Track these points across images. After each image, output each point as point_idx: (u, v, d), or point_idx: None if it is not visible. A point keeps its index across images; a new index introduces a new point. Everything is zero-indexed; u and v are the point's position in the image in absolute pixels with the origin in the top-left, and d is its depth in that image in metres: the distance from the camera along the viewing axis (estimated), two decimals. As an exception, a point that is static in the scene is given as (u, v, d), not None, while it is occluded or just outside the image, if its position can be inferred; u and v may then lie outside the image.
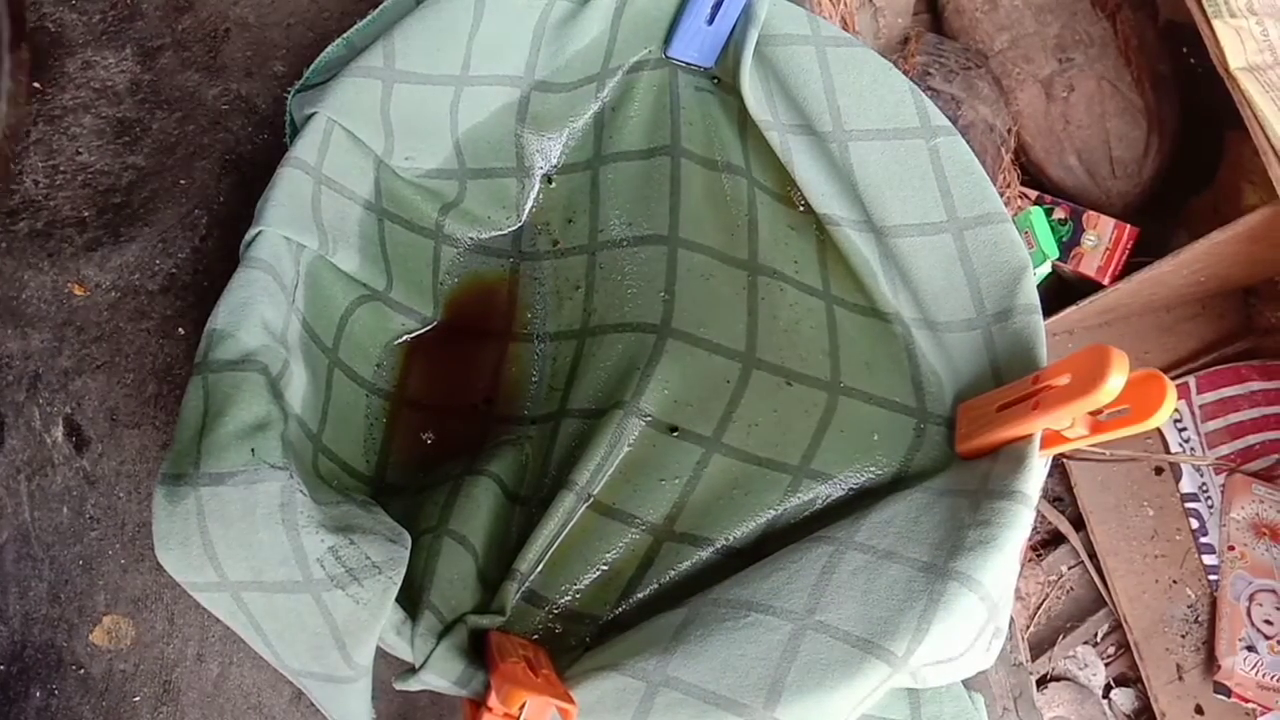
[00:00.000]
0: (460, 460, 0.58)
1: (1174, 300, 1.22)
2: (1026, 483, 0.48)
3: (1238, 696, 1.11)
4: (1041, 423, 0.48)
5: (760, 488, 0.55)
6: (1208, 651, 1.15)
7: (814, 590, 0.47)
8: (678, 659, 0.45)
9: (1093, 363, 0.44)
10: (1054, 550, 1.21)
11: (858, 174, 0.57)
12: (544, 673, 0.45)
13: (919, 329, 0.57)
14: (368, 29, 0.58)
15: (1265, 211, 0.91)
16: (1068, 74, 1.14)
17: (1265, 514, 1.18)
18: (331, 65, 0.58)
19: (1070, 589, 1.21)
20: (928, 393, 0.57)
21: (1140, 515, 1.20)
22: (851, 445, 0.56)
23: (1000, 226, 0.55)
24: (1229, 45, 0.87)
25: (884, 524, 0.50)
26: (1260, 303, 1.26)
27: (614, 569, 0.54)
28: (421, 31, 0.56)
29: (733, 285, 0.61)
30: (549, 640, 0.52)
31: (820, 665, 0.45)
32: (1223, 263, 1.06)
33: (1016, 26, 1.16)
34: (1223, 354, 1.23)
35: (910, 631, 0.45)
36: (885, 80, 0.58)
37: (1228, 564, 1.17)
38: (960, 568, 0.46)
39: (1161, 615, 1.17)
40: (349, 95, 0.55)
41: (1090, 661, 1.18)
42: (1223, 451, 1.22)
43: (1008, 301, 0.54)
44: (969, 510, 0.48)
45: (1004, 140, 1.13)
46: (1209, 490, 1.20)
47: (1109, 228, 1.13)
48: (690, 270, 0.60)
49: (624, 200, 0.63)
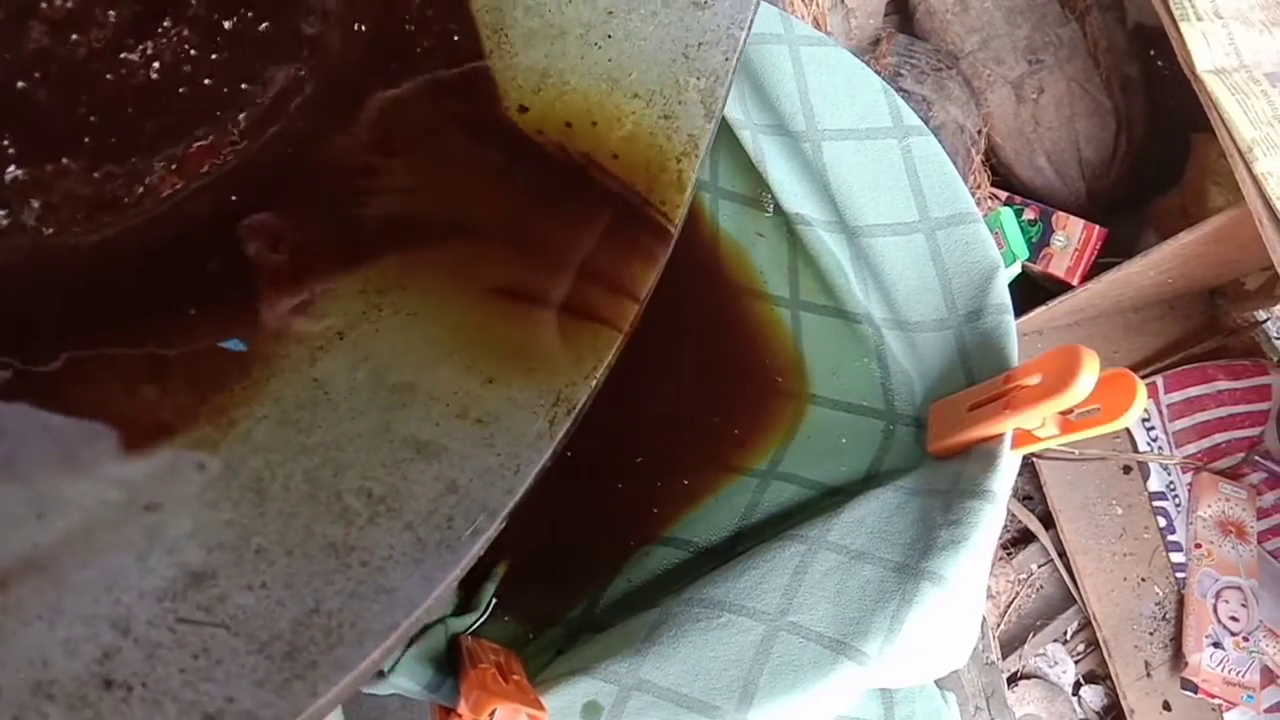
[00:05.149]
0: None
1: (1142, 300, 1.24)
2: (997, 482, 0.48)
3: (1205, 692, 1.12)
4: (1012, 422, 0.48)
5: (730, 491, 0.55)
6: (1175, 648, 1.17)
7: (787, 590, 0.47)
8: (650, 661, 0.45)
9: (1063, 362, 0.44)
10: (1024, 549, 1.22)
11: (830, 174, 0.57)
12: (515, 678, 0.44)
13: (890, 329, 0.57)
14: None
15: (1231, 213, 0.91)
16: (1037, 76, 1.15)
17: (1231, 512, 1.19)
18: None
19: (1040, 587, 1.22)
20: (897, 394, 0.57)
21: (1109, 514, 1.21)
22: (819, 449, 0.56)
23: (972, 226, 0.56)
24: (1196, 48, 0.88)
25: (856, 524, 0.50)
26: (1226, 303, 1.27)
27: (587, 570, 0.53)
28: None
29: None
30: (521, 644, 0.52)
31: (793, 667, 0.44)
32: (1190, 264, 1.07)
33: (987, 28, 1.17)
34: (1190, 354, 1.25)
35: (883, 632, 0.45)
36: (858, 80, 0.58)
37: (1195, 562, 1.18)
38: (932, 568, 0.46)
39: (1130, 613, 1.18)
40: None
41: (1060, 659, 1.19)
42: (1190, 450, 1.23)
43: (979, 301, 0.54)
44: (941, 510, 0.48)
45: (974, 141, 1.14)
46: (1176, 489, 1.22)
47: (1078, 228, 1.14)
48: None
49: None
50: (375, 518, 0.36)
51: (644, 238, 0.42)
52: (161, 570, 0.34)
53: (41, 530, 0.34)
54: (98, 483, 0.35)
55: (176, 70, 0.39)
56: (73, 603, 0.33)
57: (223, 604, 0.34)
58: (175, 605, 0.34)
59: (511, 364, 0.39)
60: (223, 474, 0.36)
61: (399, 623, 0.35)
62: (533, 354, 0.40)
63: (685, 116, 0.45)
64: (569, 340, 0.40)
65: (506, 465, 0.38)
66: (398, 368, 0.39)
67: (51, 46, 0.37)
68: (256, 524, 0.35)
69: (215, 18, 0.40)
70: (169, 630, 0.33)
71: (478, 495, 0.37)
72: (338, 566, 0.35)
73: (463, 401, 0.38)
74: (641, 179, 0.43)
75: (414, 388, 0.38)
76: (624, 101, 0.44)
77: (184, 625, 0.33)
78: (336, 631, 0.34)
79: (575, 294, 0.41)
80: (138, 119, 0.38)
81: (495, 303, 0.40)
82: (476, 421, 0.38)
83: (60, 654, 0.32)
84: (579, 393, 0.39)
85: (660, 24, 0.45)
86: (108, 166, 0.38)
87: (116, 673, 0.32)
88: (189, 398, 0.37)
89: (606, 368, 0.40)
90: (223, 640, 0.33)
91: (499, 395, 0.39)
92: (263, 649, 0.34)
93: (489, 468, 0.38)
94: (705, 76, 0.45)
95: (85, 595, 0.33)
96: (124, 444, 0.36)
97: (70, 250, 0.37)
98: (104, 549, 0.34)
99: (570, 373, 0.40)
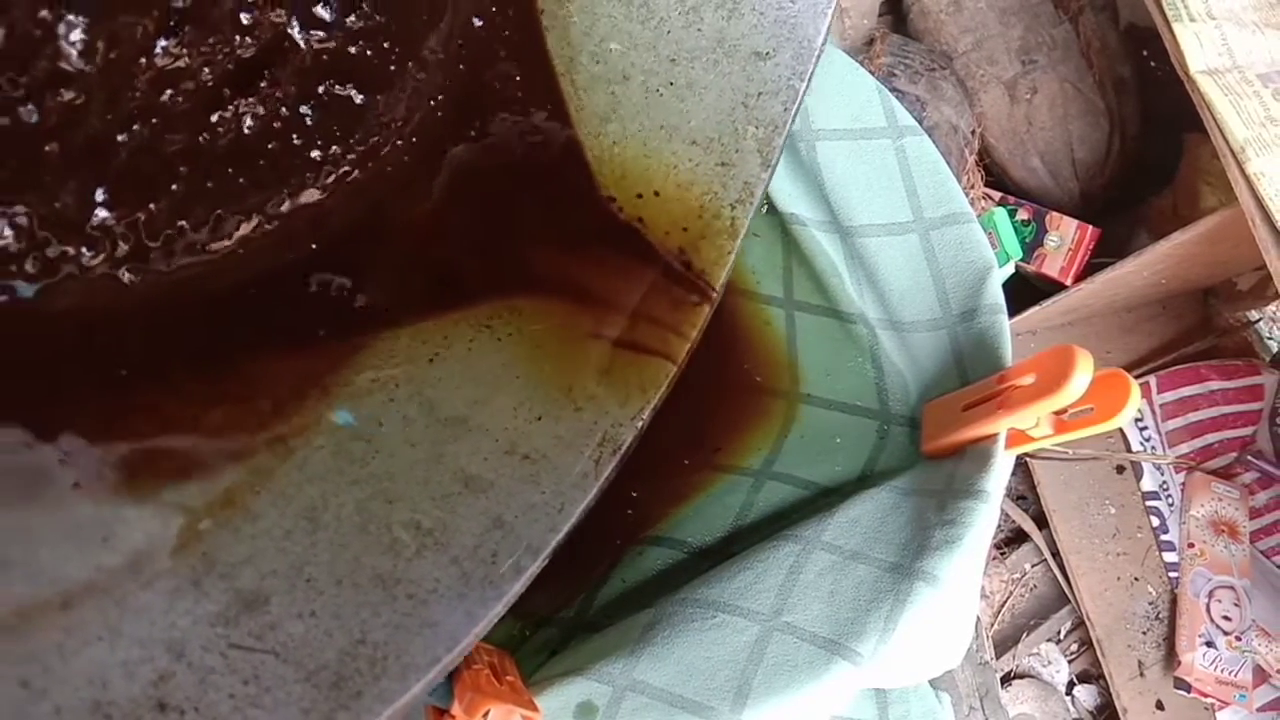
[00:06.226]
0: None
1: (1135, 300, 1.24)
2: (991, 481, 0.48)
3: (1198, 692, 1.13)
4: (1006, 422, 0.48)
5: (722, 490, 0.55)
6: (1168, 648, 1.17)
7: (781, 590, 0.47)
8: (644, 662, 0.45)
9: (1057, 362, 0.44)
10: (1017, 548, 1.22)
11: (825, 173, 0.57)
12: (509, 679, 0.44)
13: (884, 329, 0.57)
14: None
15: (1224, 213, 0.92)
16: (1031, 76, 1.15)
17: (1224, 512, 1.19)
18: None
19: (1033, 587, 1.22)
20: (891, 394, 0.57)
21: (1102, 513, 1.21)
22: (813, 449, 0.56)
23: (966, 226, 0.56)
24: (1189, 49, 0.88)
25: (851, 524, 0.50)
26: (1219, 303, 1.28)
27: (582, 571, 0.53)
28: None
29: None
30: (515, 645, 0.51)
31: (787, 667, 0.44)
32: (1183, 264, 1.07)
33: (980, 29, 1.17)
34: (1183, 354, 1.25)
35: (877, 632, 0.44)
36: (852, 80, 0.58)
37: (1188, 561, 1.18)
38: (926, 568, 0.46)
39: (1123, 612, 1.18)
40: None
41: (1054, 659, 1.19)
42: (1183, 450, 1.23)
43: (973, 301, 0.54)
44: (935, 510, 0.48)
45: (968, 141, 1.14)
46: (1169, 489, 1.22)
47: (1071, 229, 1.14)
48: None
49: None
50: (423, 550, 0.36)
51: (687, 291, 0.43)
52: (216, 595, 0.34)
53: (106, 553, 0.34)
54: (161, 506, 0.35)
55: (268, 128, 0.40)
56: (131, 625, 0.33)
57: (273, 631, 0.34)
58: (228, 631, 0.34)
59: (560, 402, 0.40)
60: (278, 502, 0.36)
61: (441, 657, 0.35)
62: (581, 393, 0.40)
63: (742, 165, 0.45)
64: (616, 380, 0.41)
65: (551, 503, 0.38)
66: (450, 401, 0.39)
67: (151, 101, 0.38)
68: (308, 553, 0.35)
69: (310, 83, 0.41)
70: (221, 655, 0.33)
71: (522, 531, 0.37)
72: (384, 598, 0.35)
73: (512, 437, 0.39)
74: (695, 224, 0.43)
75: (465, 422, 0.39)
76: (682, 149, 0.45)
77: (235, 651, 0.33)
78: (381, 663, 0.34)
79: (624, 335, 0.41)
80: (227, 171, 0.39)
81: (546, 341, 0.41)
82: (524, 458, 0.38)
83: (119, 675, 0.33)
84: (624, 433, 0.40)
85: (721, 73, 0.46)
86: (195, 213, 0.38)
87: (171, 696, 0.33)
88: (250, 426, 0.37)
89: (652, 410, 0.40)
90: (272, 667, 0.33)
91: (547, 432, 0.39)
92: (310, 678, 0.33)
93: (534, 504, 0.38)
94: (764, 126, 0.45)
95: (143, 618, 0.34)
96: (185, 471, 0.36)
97: (150, 289, 0.38)
98: (163, 572, 0.34)
99: (617, 413, 0.40)
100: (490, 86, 0.43)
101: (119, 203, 0.37)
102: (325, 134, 0.41)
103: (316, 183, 0.40)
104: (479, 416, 0.39)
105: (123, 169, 0.37)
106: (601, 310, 0.41)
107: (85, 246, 0.36)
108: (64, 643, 0.33)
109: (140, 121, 0.37)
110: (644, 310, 0.42)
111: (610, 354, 0.41)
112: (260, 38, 0.39)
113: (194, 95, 0.38)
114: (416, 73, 0.42)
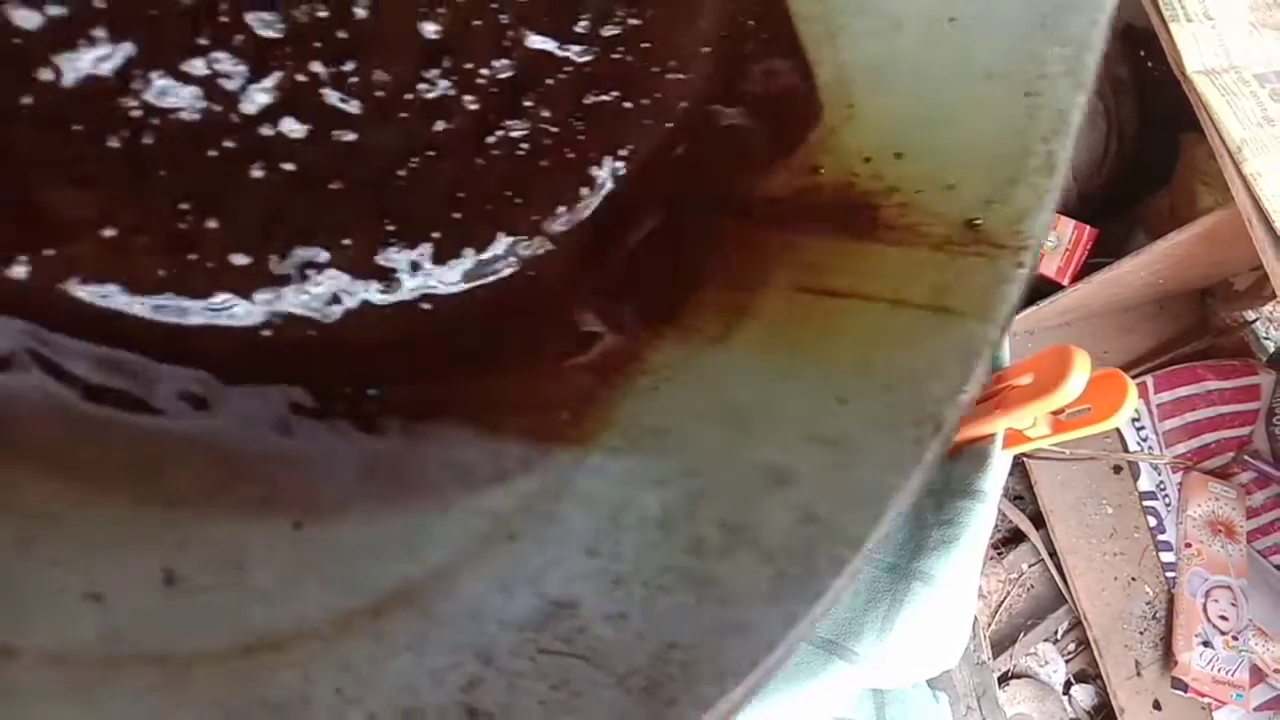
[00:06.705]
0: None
1: (1132, 300, 1.24)
2: (988, 481, 0.48)
3: (1194, 691, 1.13)
4: (1004, 422, 0.48)
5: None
6: (1165, 647, 1.17)
7: (778, 591, 0.47)
8: (641, 662, 0.45)
9: (1055, 362, 0.44)
10: (1015, 548, 1.22)
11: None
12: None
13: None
14: None
15: (1221, 214, 0.92)
16: (1028, 76, 1.15)
17: (1221, 511, 1.19)
18: None
19: (1031, 587, 1.22)
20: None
21: (1099, 513, 1.21)
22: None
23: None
24: (1186, 49, 0.88)
25: (848, 524, 0.50)
26: (1216, 303, 1.28)
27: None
28: None
29: None
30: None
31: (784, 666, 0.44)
32: (1180, 264, 1.08)
33: (978, 29, 1.17)
34: (1180, 353, 1.25)
35: (874, 632, 0.44)
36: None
37: (1185, 561, 1.18)
38: (924, 568, 0.46)
39: (1120, 612, 1.18)
40: None
41: (1051, 658, 1.20)
42: (1179, 450, 1.23)
43: (970, 301, 0.54)
44: (932, 510, 0.48)
45: (966, 142, 1.14)
46: (1166, 488, 1.22)
47: (1069, 229, 1.14)
48: None
49: None
50: (731, 549, 0.34)
51: (996, 247, 0.38)
52: (523, 600, 0.34)
53: (411, 563, 0.34)
54: (467, 514, 0.35)
55: (538, 147, 0.40)
56: (439, 633, 0.33)
57: (582, 635, 0.33)
58: (536, 635, 0.33)
59: (863, 381, 0.36)
60: (582, 506, 0.35)
61: (759, 660, 0.32)
62: (888, 369, 0.35)
63: (1050, 91, 0.40)
64: (928, 350, 0.36)
65: (867, 491, 0.34)
66: (738, 390, 0.37)
67: (424, 131, 0.38)
68: (613, 555, 0.34)
69: (574, 95, 0.41)
70: (530, 660, 0.32)
71: (837, 524, 0.34)
72: (694, 600, 0.33)
73: (813, 424, 0.35)
74: (1002, 168, 0.39)
75: (758, 411, 0.37)
76: (974, 84, 0.40)
77: (544, 656, 0.32)
78: (694, 667, 0.32)
79: (930, 300, 0.37)
80: (504, 194, 0.39)
81: (836, 314, 0.38)
82: (829, 444, 0.35)
83: (428, 683, 0.32)
84: (947, 410, 0.34)
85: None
86: (478, 235, 0.39)
87: (480, 702, 0.32)
88: (546, 433, 0.37)
89: (977, 381, 0.35)
90: (582, 672, 0.32)
91: (853, 415, 0.35)
92: (621, 682, 0.32)
93: (847, 494, 0.34)
94: (1070, 44, 0.40)
95: (451, 626, 0.33)
96: (488, 477, 0.36)
97: (446, 311, 0.38)
98: (469, 579, 0.34)
99: (935, 387, 0.35)
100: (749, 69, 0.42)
101: (401, 237, 0.37)
102: (596, 145, 0.40)
103: (587, 192, 0.40)
104: (772, 405, 0.37)
105: (406, 203, 0.38)
106: (899, 276, 0.37)
107: (378, 280, 0.37)
108: (375, 652, 0.32)
109: (416, 154, 0.38)
110: (948, 274, 0.37)
111: (915, 321, 0.36)
112: (518, 59, 0.39)
113: (463, 121, 0.38)
114: (678, 71, 0.41)
